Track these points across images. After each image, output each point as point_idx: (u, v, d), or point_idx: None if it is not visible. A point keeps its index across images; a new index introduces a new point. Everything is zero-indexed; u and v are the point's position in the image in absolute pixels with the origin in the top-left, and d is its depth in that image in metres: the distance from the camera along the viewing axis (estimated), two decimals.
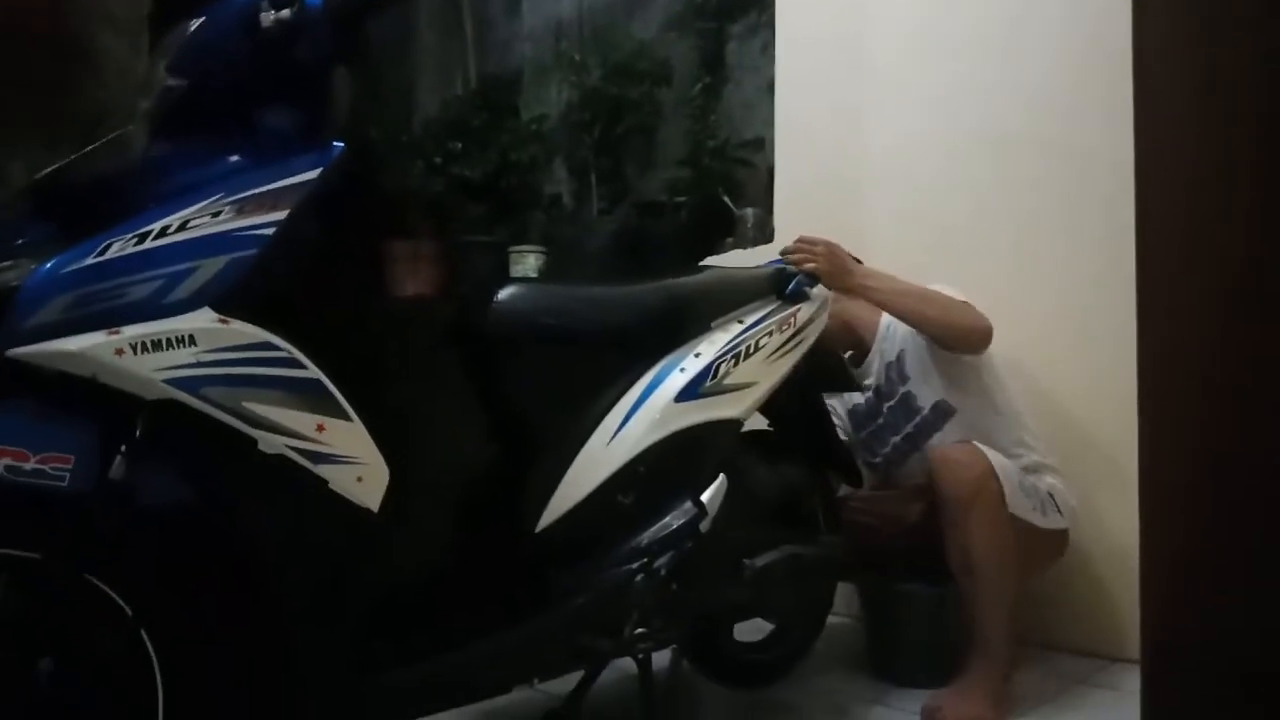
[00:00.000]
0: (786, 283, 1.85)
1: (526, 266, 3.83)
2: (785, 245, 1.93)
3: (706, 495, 1.59)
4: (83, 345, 1.07)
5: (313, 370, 1.20)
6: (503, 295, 1.57)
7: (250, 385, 1.15)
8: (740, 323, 1.75)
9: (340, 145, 1.26)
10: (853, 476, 2.08)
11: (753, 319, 1.76)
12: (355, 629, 1.29)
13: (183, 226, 1.14)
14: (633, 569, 1.52)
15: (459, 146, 4.39)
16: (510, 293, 1.59)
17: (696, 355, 1.67)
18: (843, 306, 2.03)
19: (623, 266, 3.65)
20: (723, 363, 1.68)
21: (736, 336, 1.72)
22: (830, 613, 2.06)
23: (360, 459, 1.24)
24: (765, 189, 3.08)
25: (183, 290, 1.13)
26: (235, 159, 1.22)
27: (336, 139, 1.27)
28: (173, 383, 1.11)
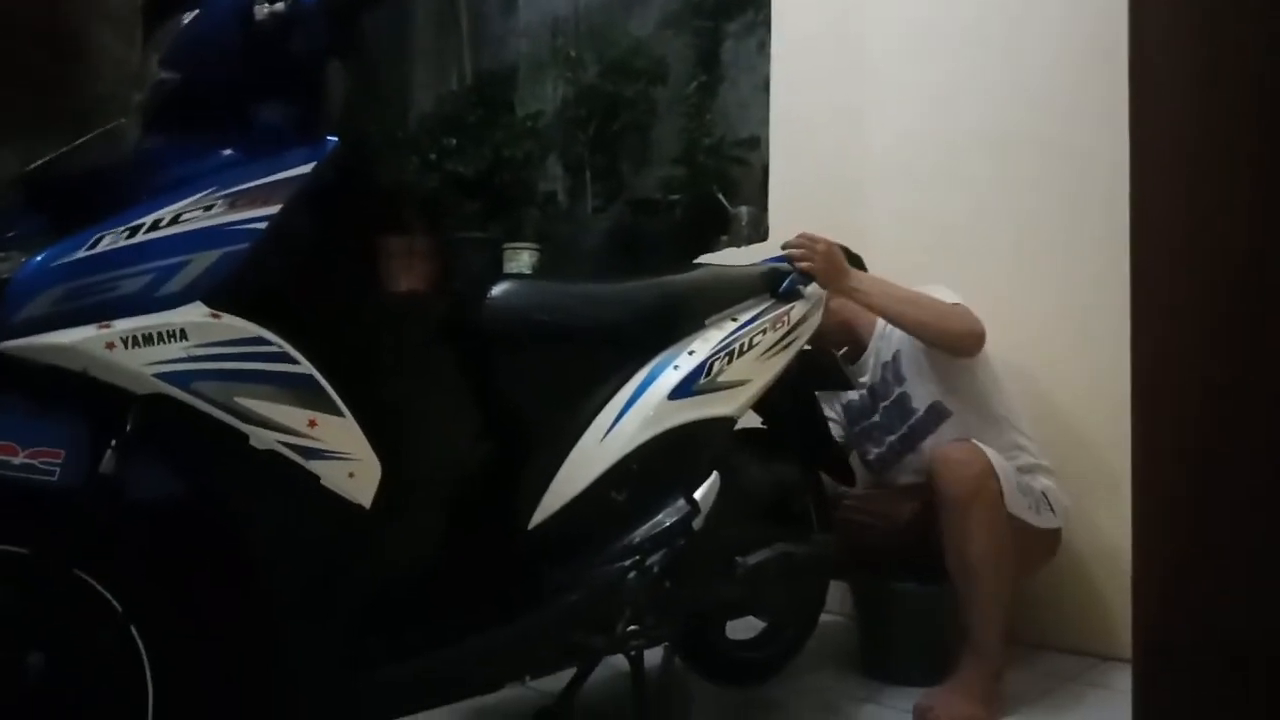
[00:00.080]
0: (781, 281, 1.85)
1: (521, 263, 3.82)
2: (787, 239, 1.93)
3: (699, 493, 1.59)
4: (73, 339, 1.07)
5: (305, 365, 1.20)
6: (496, 291, 1.57)
7: (242, 380, 1.15)
8: (734, 320, 1.75)
9: (334, 140, 1.26)
10: (846, 475, 2.08)
11: (747, 317, 1.77)
12: (347, 625, 1.28)
13: (175, 220, 1.14)
14: (625, 566, 1.52)
15: (454, 142, 4.36)
16: (504, 289, 1.59)
17: (690, 353, 1.67)
18: (841, 303, 2.03)
19: (617, 263, 3.64)
20: (716, 360, 1.68)
21: (730, 334, 1.72)
22: (823, 611, 2.07)
23: (352, 455, 1.24)
24: (760, 187, 3.08)
25: (174, 284, 1.12)
26: (228, 153, 1.22)
27: (330, 133, 1.26)
28: (164, 377, 1.10)
